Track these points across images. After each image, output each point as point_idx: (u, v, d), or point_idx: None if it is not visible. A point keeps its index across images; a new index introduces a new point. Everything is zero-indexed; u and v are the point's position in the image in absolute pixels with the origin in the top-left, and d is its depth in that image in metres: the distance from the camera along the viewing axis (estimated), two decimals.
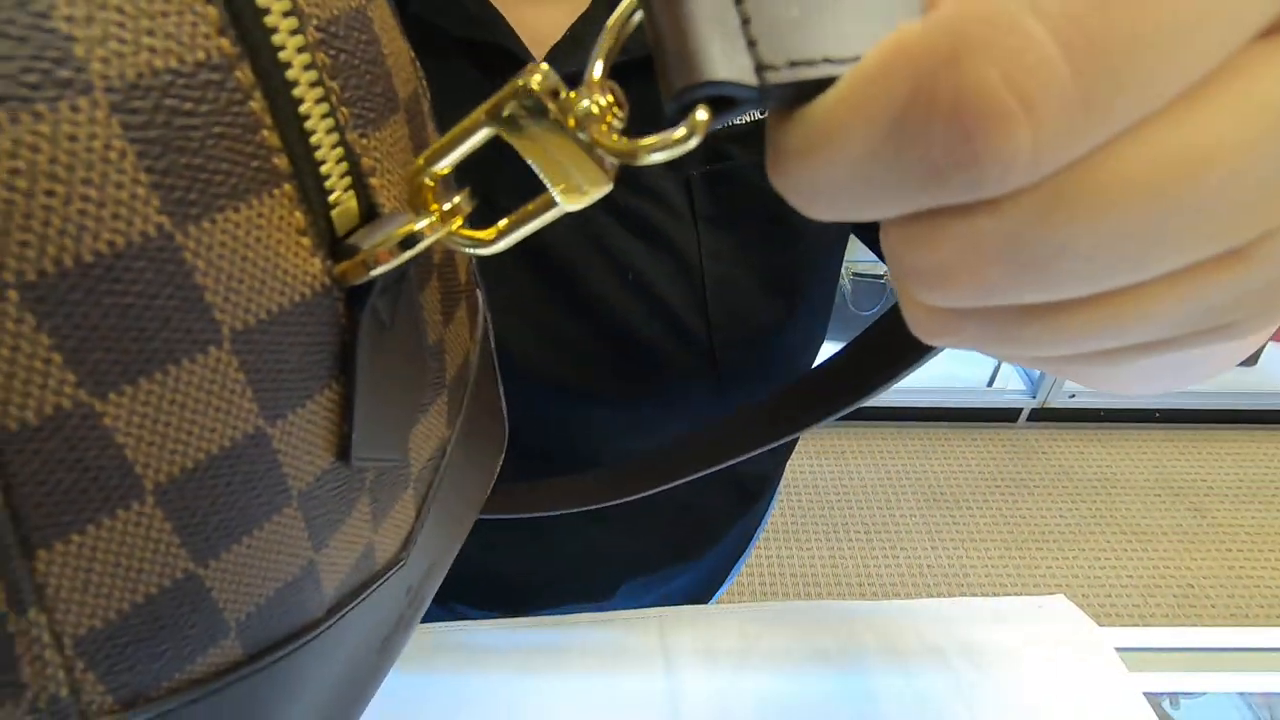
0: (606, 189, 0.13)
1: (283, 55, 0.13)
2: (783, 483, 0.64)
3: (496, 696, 0.44)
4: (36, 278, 0.11)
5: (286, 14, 0.13)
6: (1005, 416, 1.90)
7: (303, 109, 0.14)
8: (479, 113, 0.13)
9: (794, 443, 0.61)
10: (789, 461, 0.63)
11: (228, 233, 0.13)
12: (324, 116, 0.14)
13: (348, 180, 0.15)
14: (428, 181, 0.15)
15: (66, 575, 0.13)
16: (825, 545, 1.62)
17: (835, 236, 0.45)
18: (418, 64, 0.20)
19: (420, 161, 0.14)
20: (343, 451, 0.17)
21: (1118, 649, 0.47)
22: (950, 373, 1.86)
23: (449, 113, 0.22)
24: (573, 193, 0.13)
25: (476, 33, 0.37)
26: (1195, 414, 1.87)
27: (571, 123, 0.12)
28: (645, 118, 0.14)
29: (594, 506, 0.39)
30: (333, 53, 0.15)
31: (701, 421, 0.44)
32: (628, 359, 0.44)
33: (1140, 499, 1.71)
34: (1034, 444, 1.85)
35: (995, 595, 0.72)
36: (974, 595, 0.73)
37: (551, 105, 0.12)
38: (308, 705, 0.20)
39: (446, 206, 0.15)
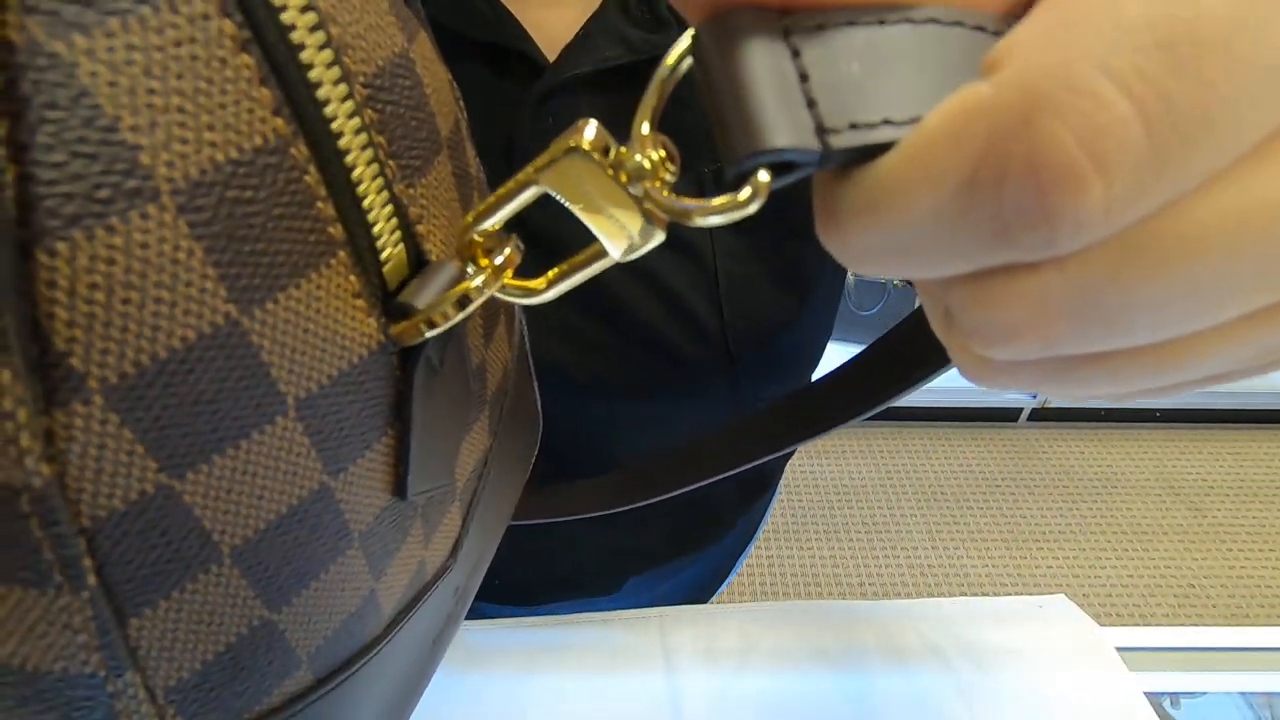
0: (659, 240, 0.13)
1: (335, 125, 0.13)
2: (783, 482, 0.64)
3: (496, 696, 0.44)
4: (118, 380, 0.12)
5: (336, 81, 0.13)
6: (1005, 416, 1.90)
7: (355, 174, 0.14)
8: (530, 170, 0.13)
9: None
10: (789, 461, 0.63)
11: (289, 309, 0.14)
12: (374, 177, 0.14)
13: (397, 235, 0.15)
14: (476, 237, 0.15)
15: (156, 637, 0.14)
16: (825, 545, 1.62)
17: None
18: (455, 86, 0.20)
19: (469, 219, 0.14)
20: (399, 490, 0.18)
21: (1118, 649, 0.47)
22: (950, 373, 1.86)
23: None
24: (625, 244, 0.13)
25: (489, 34, 0.37)
26: (1195, 414, 1.87)
27: (624, 178, 0.12)
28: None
29: (617, 510, 0.39)
30: (379, 107, 0.15)
31: (715, 415, 0.44)
32: (646, 356, 0.45)
33: (1140, 499, 1.71)
34: (1034, 444, 1.85)
35: (995, 595, 0.72)
36: (974, 595, 0.73)
37: (602, 161, 0.12)
38: (372, 709, 0.21)
39: (498, 261, 0.15)
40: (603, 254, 0.14)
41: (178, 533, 0.14)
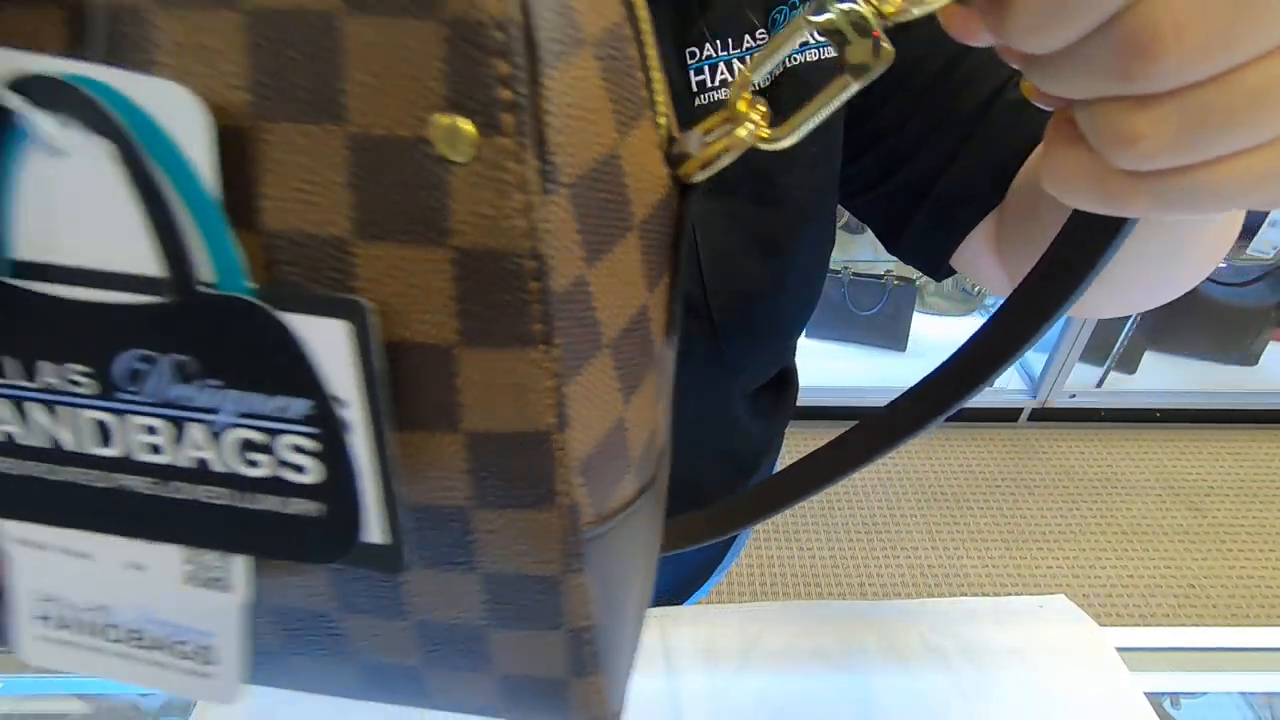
0: (888, 63, 0.17)
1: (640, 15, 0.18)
2: None
3: None
4: (574, 180, 0.16)
5: None
6: (1005, 416, 1.90)
7: (649, 59, 0.19)
8: (799, 20, 0.17)
9: (787, 416, 0.62)
10: (787, 460, 0.63)
11: (638, 140, 0.18)
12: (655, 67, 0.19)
13: (666, 103, 0.20)
14: (746, 93, 0.19)
15: (579, 406, 0.18)
16: (825, 545, 1.62)
17: (820, 201, 0.46)
18: None
19: (749, 69, 0.19)
20: (670, 326, 0.22)
21: (1119, 649, 0.47)
22: None
23: None
24: (860, 71, 0.17)
25: None
26: (1195, 414, 1.87)
27: (889, 9, 0.17)
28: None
29: (700, 545, 0.40)
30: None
31: (702, 385, 0.45)
32: None
33: (1140, 499, 1.71)
34: (1034, 444, 1.85)
35: (995, 595, 0.72)
36: (974, 595, 0.73)
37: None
38: (639, 548, 0.25)
39: (756, 115, 0.20)
40: (848, 85, 0.18)
41: (586, 320, 0.17)
